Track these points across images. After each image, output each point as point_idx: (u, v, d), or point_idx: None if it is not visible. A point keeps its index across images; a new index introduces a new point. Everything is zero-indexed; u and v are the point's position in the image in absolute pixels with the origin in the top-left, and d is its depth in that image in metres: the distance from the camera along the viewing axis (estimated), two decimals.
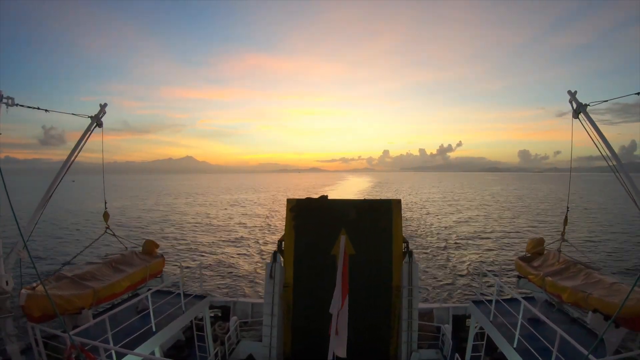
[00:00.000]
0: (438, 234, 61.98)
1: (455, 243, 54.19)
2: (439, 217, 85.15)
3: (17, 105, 9.83)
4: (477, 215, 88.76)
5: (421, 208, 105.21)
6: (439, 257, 45.50)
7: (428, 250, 49.17)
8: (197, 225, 74.10)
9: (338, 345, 7.97)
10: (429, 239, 57.55)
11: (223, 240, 57.36)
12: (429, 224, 73.57)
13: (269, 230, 67.08)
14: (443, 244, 53.31)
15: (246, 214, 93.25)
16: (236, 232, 65.79)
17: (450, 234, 62.02)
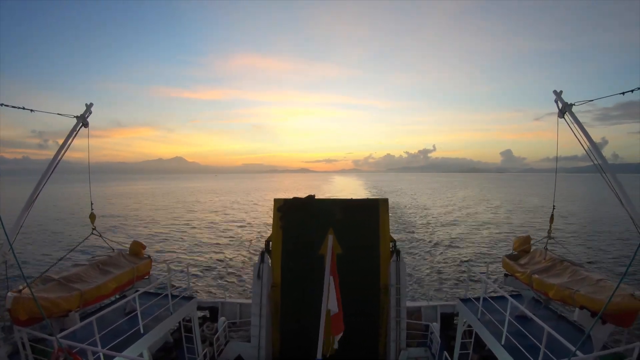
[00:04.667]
0: (425, 232, 62.40)
1: (443, 241, 54.60)
2: (427, 215, 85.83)
3: (1, 105, 9.69)
4: (464, 214, 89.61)
5: None
6: (426, 256, 45.81)
7: (416, 249, 49.45)
8: (183, 226, 73.62)
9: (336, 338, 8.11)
10: (416, 237, 57.86)
11: (210, 241, 57.06)
12: (416, 222, 74.07)
13: (255, 230, 66.95)
14: (431, 243, 53.69)
15: (233, 214, 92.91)
16: (223, 232, 65.53)
17: (437, 232, 62.46)
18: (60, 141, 12.38)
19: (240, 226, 72.93)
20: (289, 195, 19.77)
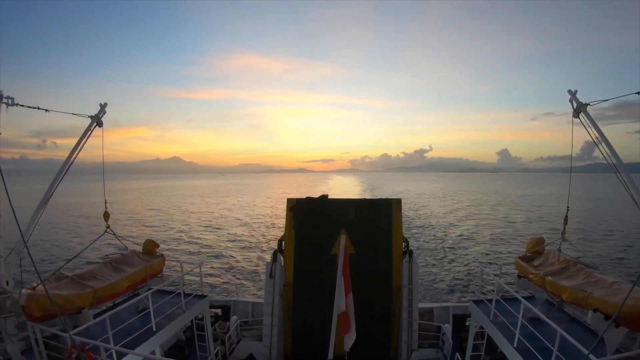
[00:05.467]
0: (438, 233, 62.05)
1: (456, 242, 54.24)
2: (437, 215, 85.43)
3: (17, 105, 9.82)
4: (476, 214, 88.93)
5: None
6: (439, 257, 45.52)
7: (428, 250, 49.18)
8: (197, 224, 74.11)
9: (349, 339, 8.12)
10: (429, 238, 57.55)
11: (223, 240, 57.37)
12: (428, 222, 73.68)
13: (269, 229, 67.10)
14: (443, 243, 53.37)
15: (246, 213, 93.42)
16: (236, 231, 65.82)
17: (450, 233, 62.08)
18: (59, 141, 12.63)
19: (253, 224, 73.20)
20: (303, 194, 19.84)
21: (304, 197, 17.98)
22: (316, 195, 18.11)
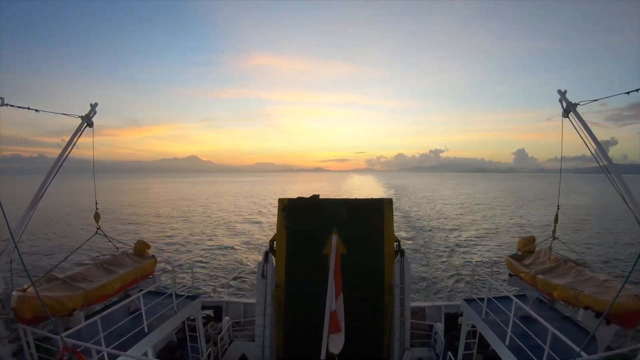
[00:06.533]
0: (430, 232, 62.32)
1: (448, 242, 54.47)
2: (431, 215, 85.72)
3: (7, 105, 9.71)
4: (468, 214, 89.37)
5: None
6: (431, 256, 45.68)
7: (420, 249, 49.34)
8: (188, 225, 73.71)
9: (338, 342, 8.08)
10: (421, 237, 57.76)
11: (215, 241, 57.11)
12: (421, 221, 73.92)
13: (260, 229, 66.95)
14: (436, 243, 53.57)
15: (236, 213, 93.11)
16: (228, 231, 65.59)
17: (443, 232, 62.35)
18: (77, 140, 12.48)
19: (245, 226, 73.02)
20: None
21: (295, 197, 17.97)
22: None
